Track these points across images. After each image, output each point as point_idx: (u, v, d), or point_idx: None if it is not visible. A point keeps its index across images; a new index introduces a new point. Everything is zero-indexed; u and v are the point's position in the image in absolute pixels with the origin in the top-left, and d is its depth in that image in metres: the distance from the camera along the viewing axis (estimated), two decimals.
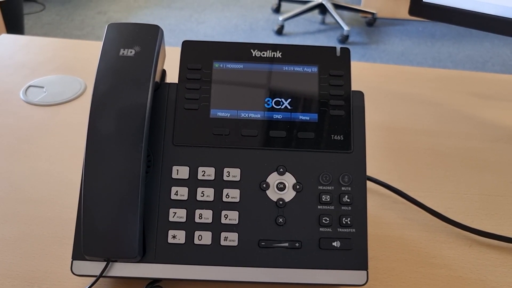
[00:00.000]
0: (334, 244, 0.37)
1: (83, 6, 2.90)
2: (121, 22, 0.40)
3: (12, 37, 0.83)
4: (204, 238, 0.37)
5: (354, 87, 0.41)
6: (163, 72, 0.43)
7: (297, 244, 0.37)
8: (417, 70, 0.77)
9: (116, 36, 0.38)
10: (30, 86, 0.67)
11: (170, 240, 0.37)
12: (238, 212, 0.38)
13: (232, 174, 0.38)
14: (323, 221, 0.37)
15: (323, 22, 2.79)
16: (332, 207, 0.38)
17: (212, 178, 0.38)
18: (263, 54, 0.41)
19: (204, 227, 0.37)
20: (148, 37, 0.38)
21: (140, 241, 0.36)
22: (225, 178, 0.38)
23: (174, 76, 0.41)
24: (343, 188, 0.38)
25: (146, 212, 0.37)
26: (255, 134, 0.39)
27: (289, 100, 0.40)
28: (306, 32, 2.70)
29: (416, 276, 0.42)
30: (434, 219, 0.47)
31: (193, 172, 0.38)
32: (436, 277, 0.42)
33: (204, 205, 0.38)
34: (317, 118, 0.40)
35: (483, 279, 0.42)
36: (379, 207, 0.49)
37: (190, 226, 0.37)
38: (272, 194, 0.38)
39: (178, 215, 0.37)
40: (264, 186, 0.38)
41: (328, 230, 0.37)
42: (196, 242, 0.37)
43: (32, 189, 0.50)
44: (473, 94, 0.70)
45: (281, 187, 0.38)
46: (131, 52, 0.37)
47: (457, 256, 0.44)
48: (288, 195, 0.38)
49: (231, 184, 0.38)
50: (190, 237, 0.37)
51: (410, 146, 0.59)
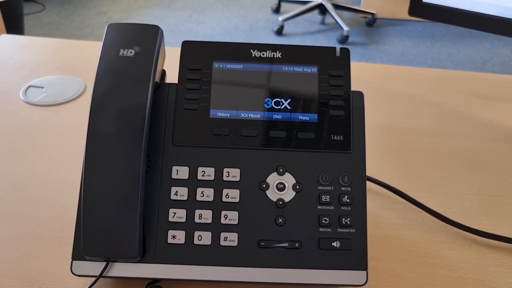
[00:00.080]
0: (334, 244, 0.37)
1: (83, 6, 2.91)
2: (121, 22, 0.40)
3: (12, 37, 0.83)
4: (204, 238, 0.37)
5: (354, 87, 0.41)
6: (163, 72, 0.43)
7: (296, 244, 0.37)
8: (417, 70, 0.77)
9: (116, 36, 0.38)
10: (30, 86, 0.67)
11: (170, 240, 0.37)
12: (237, 212, 0.38)
13: (232, 174, 0.38)
14: (323, 221, 0.37)
15: (323, 23, 2.80)
16: (332, 207, 0.38)
17: (212, 178, 0.38)
18: (263, 54, 0.41)
19: (204, 227, 0.37)
20: (148, 37, 0.38)
21: (140, 241, 0.36)
22: (224, 178, 0.38)
23: (174, 76, 0.41)
24: (342, 188, 0.38)
25: (146, 212, 0.37)
26: (255, 134, 0.39)
27: (288, 100, 0.40)
28: (306, 33, 2.70)
29: (416, 276, 0.42)
30: (434, 219, 0.47)
31: (193, 172, 0.38)
32: (435, 277, 0.42)
33: (204, 205, 0.38)
34: (316, 119, 0.40)
35: (482, 279, 0.42)
36: (379, 207, 0.49)
37: (190, 226, 0.37)
38: (272, 194, 0.38)
39: (178, 215, 0.37)
40: (263, 186, 0.38)
41: (328, 230, 0.37)
42: (196, 242, 0.37)
43: (32, 189, 0.50)
44: (473, 94, 0.70)
45: (280, 187, 0.38)
46: (131, 52, 0.37)
47: (456, 256, 0.44)
48: (288, 195, 0.38)
49: (231, 184, 0.38)
50: (190, 237, 0.37)
51: (410, 147, 0.59)
